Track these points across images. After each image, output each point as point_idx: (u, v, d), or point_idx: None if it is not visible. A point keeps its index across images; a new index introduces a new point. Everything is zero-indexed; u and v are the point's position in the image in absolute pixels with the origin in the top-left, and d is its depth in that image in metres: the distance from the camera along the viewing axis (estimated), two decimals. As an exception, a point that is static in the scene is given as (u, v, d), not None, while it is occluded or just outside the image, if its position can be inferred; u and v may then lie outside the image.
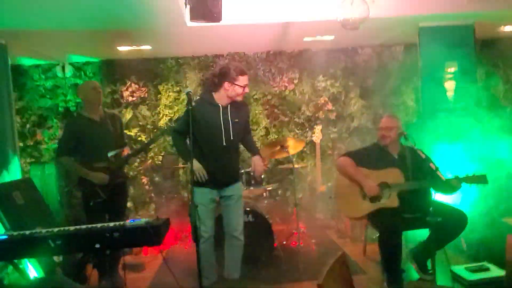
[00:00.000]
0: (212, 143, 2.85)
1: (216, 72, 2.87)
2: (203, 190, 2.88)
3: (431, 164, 2.76)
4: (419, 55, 4.39)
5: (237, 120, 2.88)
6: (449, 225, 2.85)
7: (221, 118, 2.84)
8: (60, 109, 5.00)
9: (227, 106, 2.88)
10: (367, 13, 2.95)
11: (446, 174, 3.01)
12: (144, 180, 5.11)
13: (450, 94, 4.47)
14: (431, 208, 2.71)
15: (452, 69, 4.39)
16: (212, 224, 2.96)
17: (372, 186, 3.04)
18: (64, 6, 3.06)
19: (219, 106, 2.86)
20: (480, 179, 2.96)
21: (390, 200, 3.03)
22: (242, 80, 2.79)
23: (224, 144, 2.84)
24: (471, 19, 4.26)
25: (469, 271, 2.98)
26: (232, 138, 2.87)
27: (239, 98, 2.85)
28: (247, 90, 2.84)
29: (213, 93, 2.88)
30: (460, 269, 3.02)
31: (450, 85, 4.46)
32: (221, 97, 2.86)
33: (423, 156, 3.01)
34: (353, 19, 2.95)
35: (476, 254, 3.50)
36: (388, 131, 3.16)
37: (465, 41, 4.35)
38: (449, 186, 2.86)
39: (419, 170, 3.04)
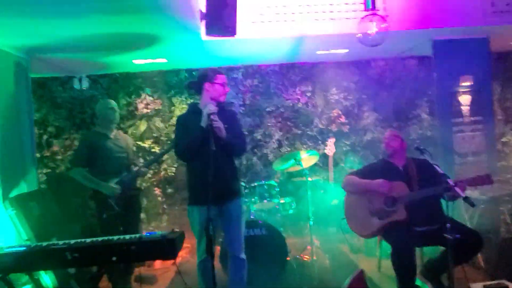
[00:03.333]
0: (200, 153, 2.66)
1: (195, 78, 2.86)
2: (200, 208, 2.68)
3: (448, 180, 2.71)
4: (433, 68, 4.37)
5: (226, 125, 2.70)
6: (464, 245, 2.79)
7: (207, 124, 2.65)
8: (76, 120, 5.09)
9: None
10: (386, 30, 2.96)
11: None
12: (157, 191, 5.14)
13: (464, 108, 4.43)
14: (448, 225, 2.66)
15: (467, 82, 4.37)
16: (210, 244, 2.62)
17: (381, 182, 3.03)
18: (82, 22, 3.15)
19: None
20: (485, 180, 2.85)
21: (398, 213, 3.01)
22: (221, 78, 2.78)
23: (214, 149, 2.55)
24: (486, 32, 4.24)
25: (489, 289, 2.91)
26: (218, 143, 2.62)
27: (222, 98, 2.79)
28: (227, 89, 2.83)
29: (197, 102, 2.85)
30: (479, 287, 2.95)
31: (465, 98, 4.42)
32: (205, 102, 2.77)
33: (438, 170, 2.97)
34: (373, 36, 2.95)
35: (494, 272, 3.42)
36: (391, 141, 3.22)
37: (480, 54, 4.33)
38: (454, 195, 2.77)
39: (431, 183, 2.99)
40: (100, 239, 2.32)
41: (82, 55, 4.15)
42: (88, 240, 2.31)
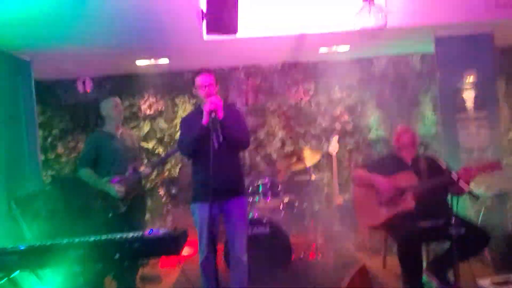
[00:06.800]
0: (203, 151, 2.66)
1: None
2: (201, 205, 2.74)
3: (452, 174, 2.70)
4: (436, 65, 4.34)
5: (230, 121, 2.73)
6: (470, 241, 2.77)
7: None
8: (81, 123, 5.11)
9: None
10: (384, 21, 2.95)
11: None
12: (161, 192, 5.15)
13: (469, 104, 4.39)
14: (453, 220, 2.65)
15: (470, 79, 4.33)
16: (211, 242, 2.67)
17: (384, 181, 3.04)
18: (84, 23, 3.16)
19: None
20: (494, 166, 2.87)
21: (407, 202, 3.00)
22: (198, 80, 2.76)
23: (216, 146, 2.60)
24: (490, 27, 4.20)
25: (496, 284, 2.88)
26: (222, 140, 2.64)
27: (207, 100, 2.68)
28: (209, 90, 2.73)
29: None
30: (487, 282, 2.93)
31: (469, 95, 4.38)
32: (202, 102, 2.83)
33: (443, 165, 2.96)
34: (372, 28, 2.95)
35: (501, 267, 3.39)
36: (403, 136, 3.22)
37: (484, 49, 4.28)
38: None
39: (437, 177, 2.98)
40: (103, 236, 2.33)
41: (85, 55, 4.16)
42: (91, 238, 2.33)
